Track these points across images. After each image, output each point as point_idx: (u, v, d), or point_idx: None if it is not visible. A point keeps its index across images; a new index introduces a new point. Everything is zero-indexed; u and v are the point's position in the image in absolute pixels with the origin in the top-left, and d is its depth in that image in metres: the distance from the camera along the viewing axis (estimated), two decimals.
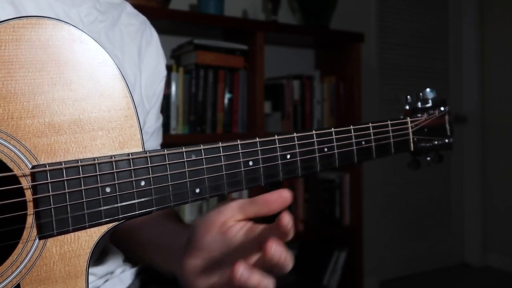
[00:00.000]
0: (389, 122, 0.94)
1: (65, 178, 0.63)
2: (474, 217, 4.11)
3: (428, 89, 1.03)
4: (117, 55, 0.98)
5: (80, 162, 0.64)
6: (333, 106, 3.00)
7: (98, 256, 0.98)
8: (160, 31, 1.16)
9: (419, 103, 1.02)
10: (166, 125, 2.38)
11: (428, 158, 1.03)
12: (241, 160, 0.75)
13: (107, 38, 0.97)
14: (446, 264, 4.04)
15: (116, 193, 0.66)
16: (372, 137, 0.90)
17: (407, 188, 3.85)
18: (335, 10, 3.00)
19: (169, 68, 2.37)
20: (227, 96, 2.56)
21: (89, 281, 0.90)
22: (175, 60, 2.66)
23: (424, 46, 3.94)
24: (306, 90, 2.92)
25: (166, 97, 2.39)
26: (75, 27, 0.67)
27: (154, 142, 1.10)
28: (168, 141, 2.28)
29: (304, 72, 3.01)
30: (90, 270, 0.92)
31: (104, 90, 0.69)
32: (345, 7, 3.27)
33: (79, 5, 0.94)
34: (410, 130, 0.98)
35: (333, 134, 0.84)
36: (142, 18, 1.10)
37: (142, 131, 1.02)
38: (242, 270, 0.65)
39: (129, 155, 0.67)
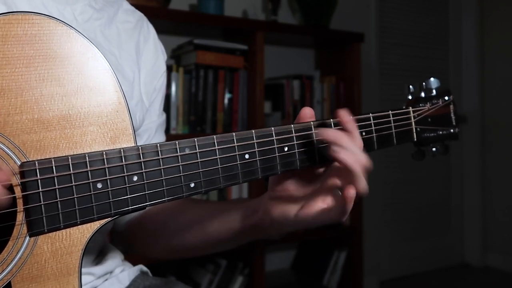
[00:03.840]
0: (390, 112, 0.92)
1: (55, 175, 0.63)
2: (474, 217, 4.10)
3: (432, 79, 1.01)
4: (114, 53, 0.97)
5: (70, 158, 0.64)
6: (333, 106, 2.99)
7: (97, 255, 0.98)
8: (160, 31, 1.16)
9: (422, 93, 1.00)
10: (166, 125, 2.37)
11: (434, 149, 1.01)
12: (237, 153, 0.74)
13: (103, 35, 0.96)
14: (446, 264, 4.03)
15: (107, 189, 0.66)
16: (373, 127, 0.88)
17: (407, 188, 3.85)
18: (335, 10, 2.99)
19: (169, 68, 2.37)
20: (227, 96, 2.56)
21: (88, 281, 0.90)
22: (175, 60, 2.66)
23: (424, 46, 3.93)
24: (306, 90, 2.91)
25: (166, 97, 2.37)
26: (63, 22, 0.67)
27: (160, 137, 1.09)
28: (168, 141, 2.26)
29: (304, 72, 3.01)
30: (89, 269, 0.91)
31: (94, 85, 0.68)
32: (345, 7, 3.27)
33: (73, 3, 0.93)
34: (413, 120, 0.96)
35: (332, 126, 0.83)
36: (139, 14, 1.09)
37: (144, 128, 1.02)
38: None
39: (120, 150, 0.67)
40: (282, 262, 3.16)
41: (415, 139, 0.97)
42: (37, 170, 0.62)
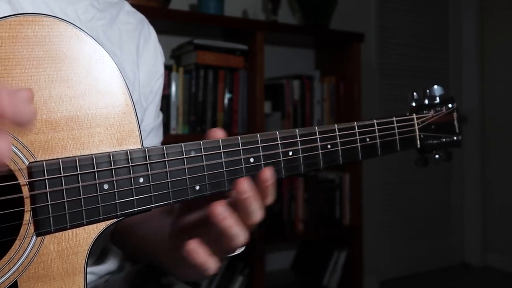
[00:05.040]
0: (394, 118, 0.93)
1: (62, 175, 0.63)
2: (474, 217, 4.10)
3: (435, 86, 1.02)
4: (115, 53, 0.98)
5: (78, 159, 0.64)
6: (333, 106, 3.00)
7: (99, 255, 0.98)
8: (160, 31, 1.16)
9: (426, 100, 1.01)
10: (166, 125, 2.38)
11: (437, 156, 1.02)
12: (242, 156, 0.74)
13: (105, 36, 0.97)
14: (446, 264, 4.03)
15: (114, 190, 0.66)
16: (377, 134, 0.90)
17: (407, 188, 3.85)
18: (335, 10, 2.99)
19: (169, 68, 2.38)
20: (227, 96, 2.56)
21: (90, 280, 0.91)
22: (175, 60, 2.66)
23: (424, 46, 3.94)
24: (306, 90, 2.92)
25: (166, 97, 2.39)
26: (72, 24, 0.67)
27: (153, 140, 1.09)
28: (168, 141, 2.26)
29: (304, 72, 3.01)
30: (90, 269, 0.92)
31: (101, 87, 0.68)
32: (345, 7, 3.27)
33: (75, 2, 0.94)
34: (416, 127, 0.97)
35: (337, 131, 0.84)
36: (140, 16, 1.10)
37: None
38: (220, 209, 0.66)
39: (127, 152, 0.67)
40: (282, 262, 3.17)
41: (419, 146, 0.98)
42: (45, 170, 0.62)
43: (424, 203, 3.96)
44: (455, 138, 1.03)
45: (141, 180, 0.67)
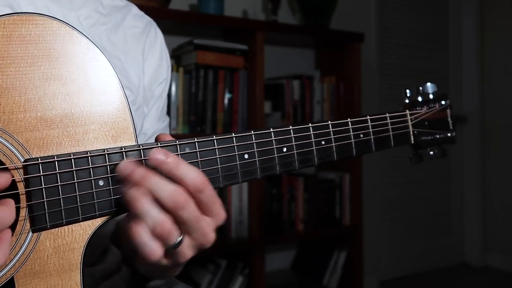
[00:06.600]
0: (387, 114, 0.94)
1: (57, 171, 0.64)
2: (474, 217, 4.10)
3: (428, 83, 1.03)
4: (119, 57, 0.97)
5: (73, 155, 0.65)
6: (333, 106, 3.00)
7: (99, 256, 0.98)
8: (160, 31, 1.16)
9: (419, 97, 1.02)
10: None
11: (431, 152, 1.02)
12: (236, 153, 0.75)
13: (109, 41, 0.97)
14: (446, 264, 4.03)
15: (109, 186, 0.66)
16: (371, 129, 0.91)
17: (407, 188, 3.85)
18: (335, 10, 3.00)
19: None
20: (227, 96, 2.57)
21: (88, 281, 0.91)
22: (175, 60, 2.66)
23: (424, 46, 3.94)
24: (306, 90, 2.92)
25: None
26: (66, 23, 0.68)
27: None
28: None
29: (304, 72, 3.01)
30: (90, 270, 0.92)
31: (96, 85, 0.69)
32: (345, 7, 3.27)
33: (78, 8, 0.94)
34: (410, 123, 0.98)
35: (330, 127, 0.85)
36: (147, 19, 1.09)
37: (140, 132, 1.02)
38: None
39: (122, 148, 0.68)
40: (282, 262, 3.17)
41: (413, 142, 0.99)
42: (40, 167, 0.63)
43: (424, 203, 3.96)
44: (449, 134, 1.04)
45: None
